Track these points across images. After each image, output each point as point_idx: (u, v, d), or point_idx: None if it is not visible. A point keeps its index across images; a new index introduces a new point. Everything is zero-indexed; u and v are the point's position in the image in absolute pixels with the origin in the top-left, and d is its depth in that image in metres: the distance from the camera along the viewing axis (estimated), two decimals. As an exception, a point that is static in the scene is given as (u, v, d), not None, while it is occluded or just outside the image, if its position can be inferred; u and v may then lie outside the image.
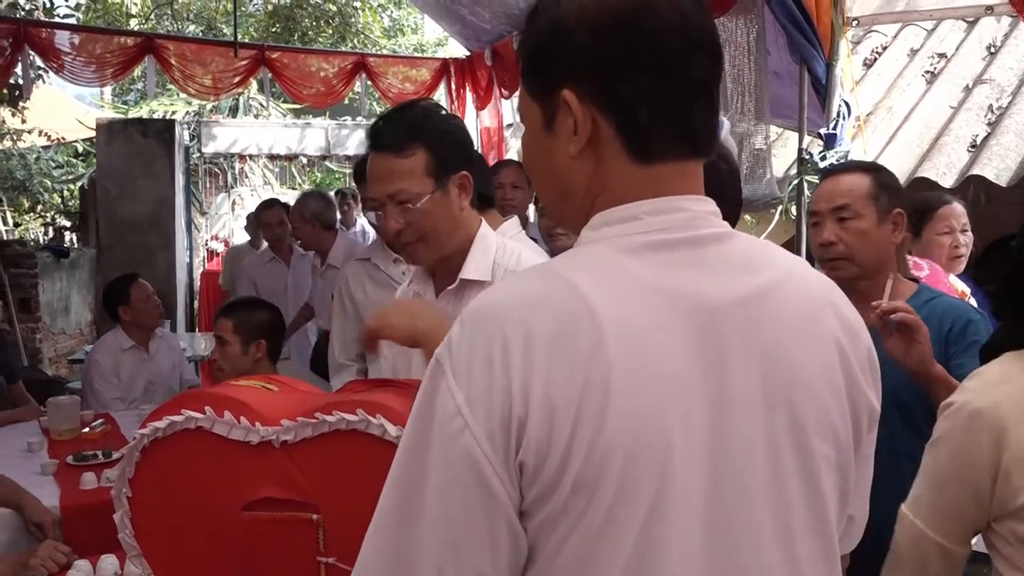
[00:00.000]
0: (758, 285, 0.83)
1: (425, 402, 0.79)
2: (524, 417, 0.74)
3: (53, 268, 7.03)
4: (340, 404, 1.22)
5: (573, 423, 0.74)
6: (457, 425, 0.75)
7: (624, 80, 0.80)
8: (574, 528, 0.75)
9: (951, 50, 4.32)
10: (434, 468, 0.77)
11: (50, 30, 5.91)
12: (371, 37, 12.24)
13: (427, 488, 0.77)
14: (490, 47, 6.21)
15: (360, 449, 1.20)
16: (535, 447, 0.74)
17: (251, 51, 6.63)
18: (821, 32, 3.21)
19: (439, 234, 1.63)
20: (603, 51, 0.81)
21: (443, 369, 0.78)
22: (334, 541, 1.23)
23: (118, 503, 1.32)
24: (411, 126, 1.60)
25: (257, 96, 10.66)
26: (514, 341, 0.75)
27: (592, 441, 0.74)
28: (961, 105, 3.96)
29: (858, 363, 0.86)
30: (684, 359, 0.78)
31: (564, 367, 0.74)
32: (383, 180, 1.61)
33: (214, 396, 1.29)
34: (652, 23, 0.80)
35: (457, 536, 0.76)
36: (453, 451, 0.76)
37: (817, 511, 0.83)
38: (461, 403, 0.76)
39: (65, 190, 10.74)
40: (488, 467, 0.75)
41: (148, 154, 7.76)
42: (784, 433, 0.81)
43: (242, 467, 1.26)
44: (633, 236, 0.81)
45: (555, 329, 0.75)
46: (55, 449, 3.07)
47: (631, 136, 0.82)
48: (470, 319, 0.79)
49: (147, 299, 3.91)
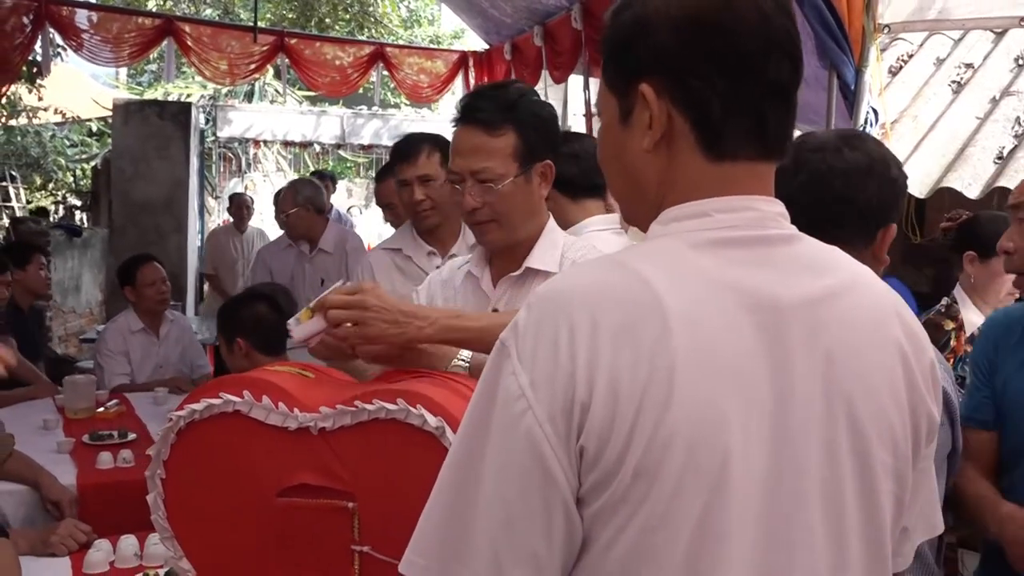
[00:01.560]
0: (826, 287, 0.83)
1: (488, 383, 0.80)
2: (587, 402, 0.75)
3: (65, 246, 7.05)
4: (379, 393, 1.21)
5: (636, 410, 0.74)
6: (520, 406, 0.76)
7: (700, 78, 0.82)
8: (632, 517, 0.76)
9: (978, 60, 4.29)
10: (494, 448, 0.78)
11: (71, 8, 5.91)
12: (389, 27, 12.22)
13: (486, 468, 0.78)
14: (510, 41, 6.19)
15: (398, 438, 1.19)
16: (597, 432, 0.75)
17: (270, 37, 6.64)
18: (852, 38, 3.19)
19: (514, 219, 1.61)
20: (682, 48, 0.82)
21: (508, 351, 0.79)
22: (369, 530, 1.22)
23: (152, 484, 1.32)
24: (506, 106, 1.59)
25: (272, 82, 10.66)
26: (581, 327, 0.76)
27: (654, 429, 0.74)
28: (988, 116, 3.93)
29: (921, 374, 0.86)
30: (749, 355, 0.78)
31: (629, 355, 0.75)
32: (469, 155, 1.59)
33: (252, 380, 1.29)
34: (732, 23, 0.81)
35: (513, 517, 0.77)
36: (514, 432, 0.77)
37: (872, 517, 0.83)
38: (525, 385, 0.76)
39: (78, 169, 10.75)
40: (548, 449, 0.76)
41: (164, 136, 7.76)
42: (844, 436, 0.81)
43: (278, 453, 1.26)
44: (702, 232, 0.82)
45: (622, 317, 0.76)
46: (70, 428, 3.08)
47: (704, 133, 0.83)
48: (537, 303, 0.80)
49: (151, 284, 3.87)
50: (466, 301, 1.72)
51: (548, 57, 5.50)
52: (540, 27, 5.53)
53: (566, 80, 5.68)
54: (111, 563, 2.00)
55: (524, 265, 1.64)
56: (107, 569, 1.98)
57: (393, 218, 3.36)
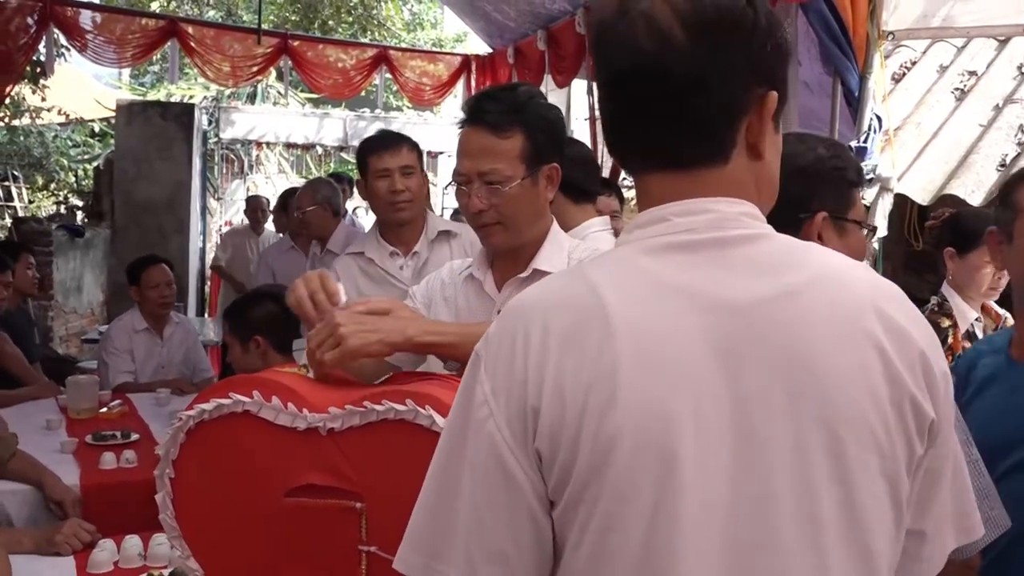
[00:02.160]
0: (785, 285, 0.82)
1: (463, 391, 0.86)
2: (537, 406, 0.80)
3: (68, 247, 7.04)
4: (388, 393, 1.22)
5: (580, 412, 0.78)
6: (483, 413, 0.82)
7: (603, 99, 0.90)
8: (590, 517, 0.79)
9: (982, 68, 4.30)
10: (467, 453, 0.83)
11: (75, 9, 5.92)
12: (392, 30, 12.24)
13: (462, 472, 0.84)
14: (513, 45, 6.21)
15: (407, 439, 1.19)
16: (548, 434, 0.79)
17: (274, 39, 6.65)
18: (856, 44, 3.20)
19: (520, 222, 1.61)
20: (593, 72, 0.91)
21: (479, 360, 0.85)
22: (376, 530, 1.23)
23: (160, 483, 1.32)
24: (514, 107, 1.58)
25: (275, 84, 10.67)
26: (534, 335, 0.81)
27: (598, 429, 0.78)
28: (991, 124, 3.93)
29: (906, 368, 0.82)
30: (697, 356, 0.79)
31: (574, 359, 0.79)
32: (477, 157, 1.58)
33: (262, 381, 1.29)
34: (604, 48, 0.88)
35: (483, 518, 0.82)
36: (480, 437, 0.82)
37: (855, 519, 0.80)
38: (487, 392, 0.83)
39: (80, 169, 10.76)
40: (508, 453, 0.81)
41: (167, 137, 7.77)
42: (813, 436, 0.79)
43: (287, 453, 1.26)
44: (658, 237, 0.85)
45: (569, 323, 0.81)
46: (73, 428, 3.09)
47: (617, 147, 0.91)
48: (504, 315, 0.87)
49: (154, 286, 3.89)
50: (468, 304, 1.71)
51: (551, 61, 5.52)
52: (543, 31, 5.55)
53: (569, 85, 5.69)
54: (115, 563, 2.00)
55: (531, 267, 1.63)
56: (111, 569, 1.99)
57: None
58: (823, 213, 1.41)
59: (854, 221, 1.47)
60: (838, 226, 1.46)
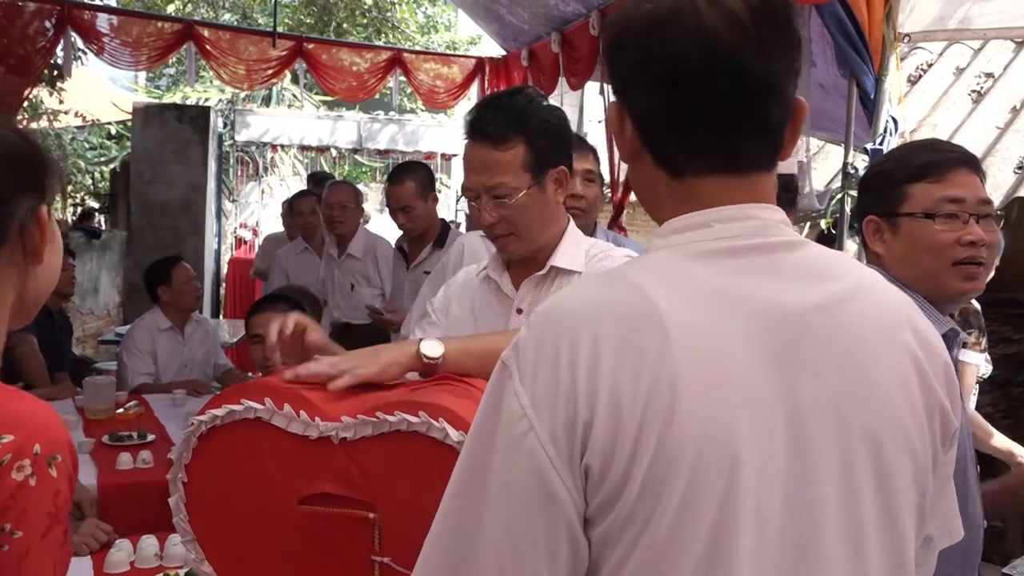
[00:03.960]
0: (832, 293, 0.82)
1: (490, 404, 0.79)
2: (590, 420, 0.74)
3: (84, 249, 7.10)
4: (401, 404, 1.21)
5: (639, 425, 0.73)
6: (522, 427, 0.75)
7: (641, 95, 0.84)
8: (640, 536, 0.74)
9: (998, 70, 4.27)
10: (497, 470, 0.77)
11: (92, 13, 5.98)
12: (406, 32, 12.27)
13: (489, 490, 0.77)
14: (527, 48, 6.20)
15: (420, 451, 1.19)
16: (600, 450, 0.74)
17: (289, 42, 6.68)
18: (872, 47, 3.18)
19: (532, 230, 1.61)
20: (626, 69, 0.85)
21: (509, 371, 0.78)
22: (389, 541, 1.23)
23: (173, 487, 1.32)
24: (513, 117, 1.57)
25: (290, 87, 10.71)
26: (581, 344, 0.75)
27: (659, 443, 0.73)
28: (1008, 126, 3.91)
29: (936, 377, 0.84)
30: (751, 364, 0.77)
31: (630, 369, 0.74)
32: (480, 172, 1.59)
33: (274, 388, 1.29)
34: (662, 42, 0.81)
35: (517, 540, 0.75)
36: (517, 453, 0.76)
37: (892, 527, 0.81)
38: (526, 405, 0.76)
39: (97, 172, 10.84)
40: (551, 470, 0.74)
41: (182, 139, 7.82)
42: (858, 445, 0.79)
43: (299, 461, 1.26)
44: (702, 243, 0.82)
45: (622, 332, 0.75)
46: (90, 428, 3.11)
47: (654, 151, 0.86)
48: (537, 322, 0.80)
49: (187, 282, 3.97)
50: (487, 303, 1.71)
51: (565, 64, 5.51)
52: (558, 34, 5.54)
53: (583, 87, 5.68)
54: (132, 563, 2.01)
55: (549, 264, 1.63)
56: (128, 569, 2.00)
57: (406, 221, 3.37)
58: (868, 217, 1.53)
59: (907, 214, 1.48)
60: (891, 225, 1.50)
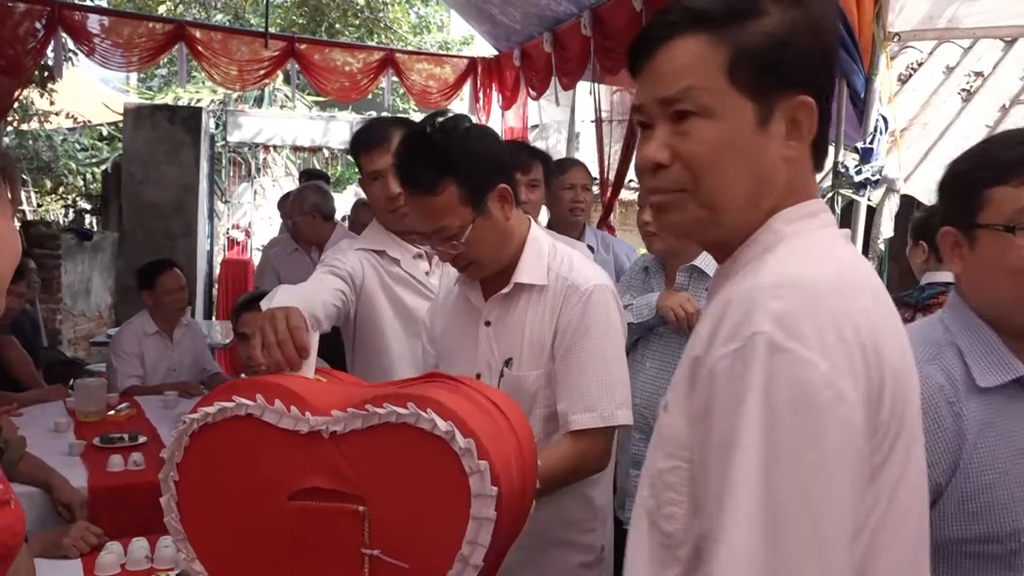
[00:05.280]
0: None
1: (770, 384, 0.76)
2: (882, 380, 0.80)
3: (76, 250, 7.07)
4: (390, 397, 1.22)
5: (905, 385, 0.84)
6: (826, 396, 0.75)
7: (829, 91, 0.92)
8: (883, 488, 0.82)
9: (988, 69, 4.30)
10: (804, 445, 0.75)
11: (83, 13, 5.95)
12: (398, 33, 12.26)
13: (802, 467, 0.74)
14: (519, 48, 6.21)
15: (408, 442, 1.20)
16: (890, 409, 0.81)
17: (281, 42, 6.67)
18: (862, 45, 3.19)
19: (489, 253, 1.64)
20: (824, 64, 0.91)
21: (785, 347, 0.76)
22: (379, 533, 1.23)
23: (165, 487, 1.32)
24: (433, 161, 1.56)
25: (282, 87, 10.70)
26: (857, 312, 0.81)
27: (906, 399, 0.84)
28: (997, 124, 3.93)
29: None
30: (899, 334, 0.89)
31: (886, 332, 0.83)
32: (422, 219, 1.62)
33: (265, 384, 1.29)
34: (831, 47, 0.94)
35: (840, 509, 0.76)
36: (829, 424, 0.75)
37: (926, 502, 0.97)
38: (826, 372, 0.75)
39: (88, 173, 10.81)
40: (861, 435, 0.78)
41: (174, 140, 7.80)
42: None
43: (290, 456, 1.26)
44: (830, 227, 0.93)
45: (873, 302, 0.85)
46: (81, 430, 3.10)
47: (819, 144, 0.93)
48: (797, 296, 0.79)
49: (169, 292, 3.88)
50: (457, 313, 1.75)
51: (557, 64, 5.52)
52: (550, 33, 5.55)
53: (575, 86, 5.70)
54: (122, 565, 2.01)
55: (512, 281, 1.65)
56: (118, 571, 1.99)
57: None
58: (945, 228, 1.24)
59: (985, 225, 1.17)
60: (969, 238, 1.21)
